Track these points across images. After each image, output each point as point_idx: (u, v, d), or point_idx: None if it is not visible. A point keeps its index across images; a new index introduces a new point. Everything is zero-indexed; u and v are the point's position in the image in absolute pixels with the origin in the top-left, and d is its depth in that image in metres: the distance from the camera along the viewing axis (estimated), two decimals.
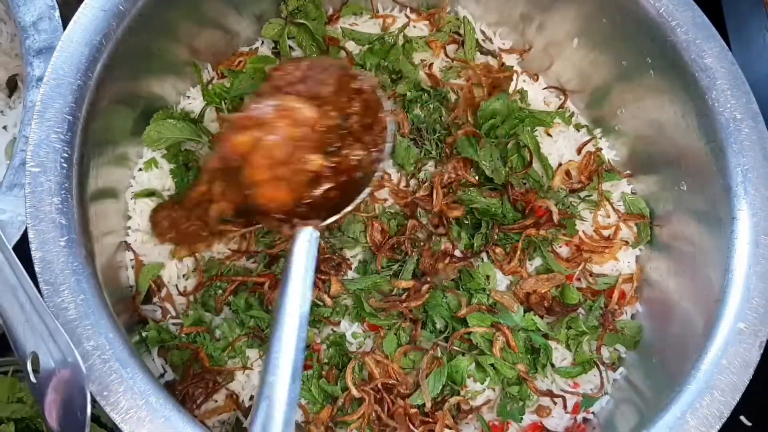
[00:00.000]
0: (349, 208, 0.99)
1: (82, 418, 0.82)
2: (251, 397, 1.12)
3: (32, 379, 0.85)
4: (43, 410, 0.84)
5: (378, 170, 1.00)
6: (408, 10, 1.40)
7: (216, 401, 1.12)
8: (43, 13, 1.13)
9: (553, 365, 1.17)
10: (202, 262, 1.17)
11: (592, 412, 1.19)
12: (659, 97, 1.20)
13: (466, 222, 1.23)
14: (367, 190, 1.00)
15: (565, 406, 1.16)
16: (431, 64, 1.35)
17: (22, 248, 0.94)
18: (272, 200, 0.96)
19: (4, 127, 1.35)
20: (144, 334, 1.12)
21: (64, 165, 0.93)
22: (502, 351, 1.13)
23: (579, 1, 1.26)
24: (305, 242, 0.93)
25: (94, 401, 0.85)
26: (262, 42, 1.35)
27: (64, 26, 1.03)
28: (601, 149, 1.34)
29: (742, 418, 1.27)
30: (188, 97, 1.29)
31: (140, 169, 1.22)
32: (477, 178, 1.25)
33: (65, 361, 0.83)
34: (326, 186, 0.97)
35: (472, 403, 1.13)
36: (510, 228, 1.21)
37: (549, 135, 1.35)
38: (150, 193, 1.20)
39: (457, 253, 1.20)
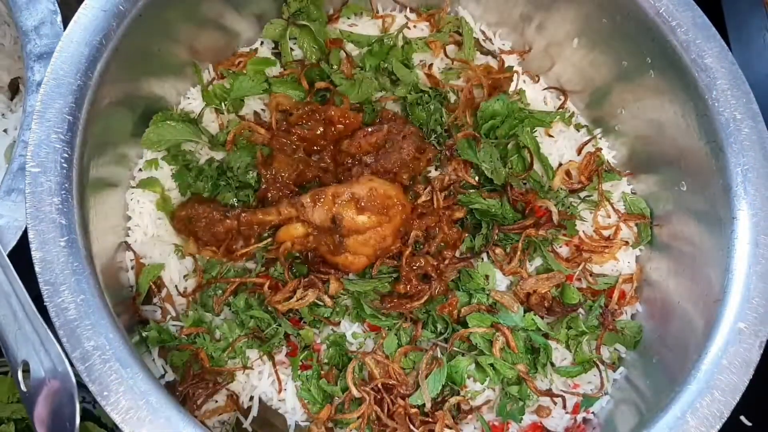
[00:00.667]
0: None
1: (71, 428, 0.82)
2: (251, 398, 1.12)
3: (22, 387, 0.84)
4: (33, 418, 0.83)
5: None
6: (408, 10, 1.40)
7: (216, 401, 1.12)
8: (44, 17, 1.12)
9: (553, 365, 1.17)
10: (202, 263, 1.17)
11: (592, 412, 1.19)
12: (659, 97, 1.20)
13: (466, 223, 1.23)
14: None
15: (564, 406, 1.16)
16: (431, 65, 1.35)
17: (22, 249, 0.94)
18: (354, 268, 1.14)
19: (5, 131, 1.35)
20: (144, 334, 1.11)
21: (64, 165, 0.93)
22: (501, 351, 1.13)
23: (579, 1, 1.26)
24: None
25: (94, 401, 0.85)
26: (262, 42, 1.35)
27: (65, 27, 1.03)
28: (601, 149, 1.34)
29: (742, 418, 1.27)
30: (188, 97, 1.29)
31: (140, 170, 1.22)
32: (477, 178, 1.25)
33: (56, 370, 0.83)
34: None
35: (472, 403, 1.13)
36: (510, 228, 1.21)
37: (549, 135, 1.34)
38: (152, 183, 1.20)
39: (457, 253, 1.20)
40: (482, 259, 1.21)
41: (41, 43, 1.11)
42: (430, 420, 1.08)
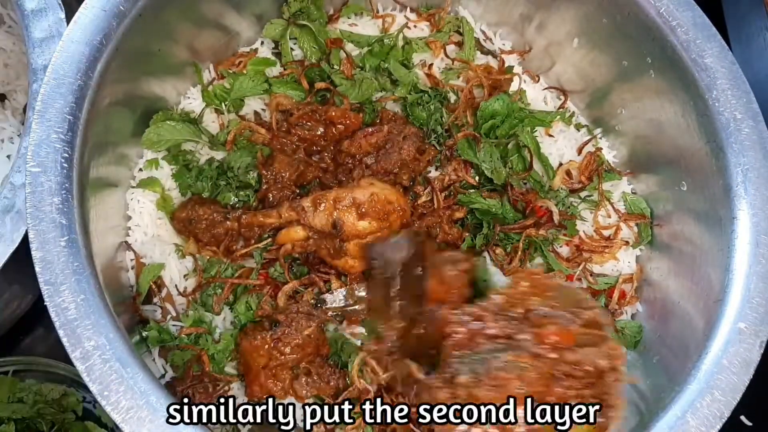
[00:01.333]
0: None
1: None
2: None
3: None
4: None
5: None
6: (408, 10, 1.40)
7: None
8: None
9: None
10: (202, 263, 1.17)
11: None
12: (659, 97, 1.20)
13: (467, 223, 1.23)
14: None
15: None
16: (431, 65, 1.35)
17: (23, 248, 0.94)
18: (354, 272, 1.13)
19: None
20: (144, 334, 1.11)
21: (65, 165, 0.93)
22: None
23: (579, 1, 1.26)
24: None
25: (94, 401, 0.85)
26: (262, 42, 1.35)
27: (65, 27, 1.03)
28: (601, 149, 1.34)
29: (742, 418, 1.27)
30: (188, 97, 1.29)
31: (140, 170, 1.22)
32: (477, 178, 1.25)
33: None
34: None
35: None
36: (510, 228, 1.21)
37: (550, 135, 1.34)
38: (153, 183, 1.20)
39: None
40: (483, 258, 1.21)
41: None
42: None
